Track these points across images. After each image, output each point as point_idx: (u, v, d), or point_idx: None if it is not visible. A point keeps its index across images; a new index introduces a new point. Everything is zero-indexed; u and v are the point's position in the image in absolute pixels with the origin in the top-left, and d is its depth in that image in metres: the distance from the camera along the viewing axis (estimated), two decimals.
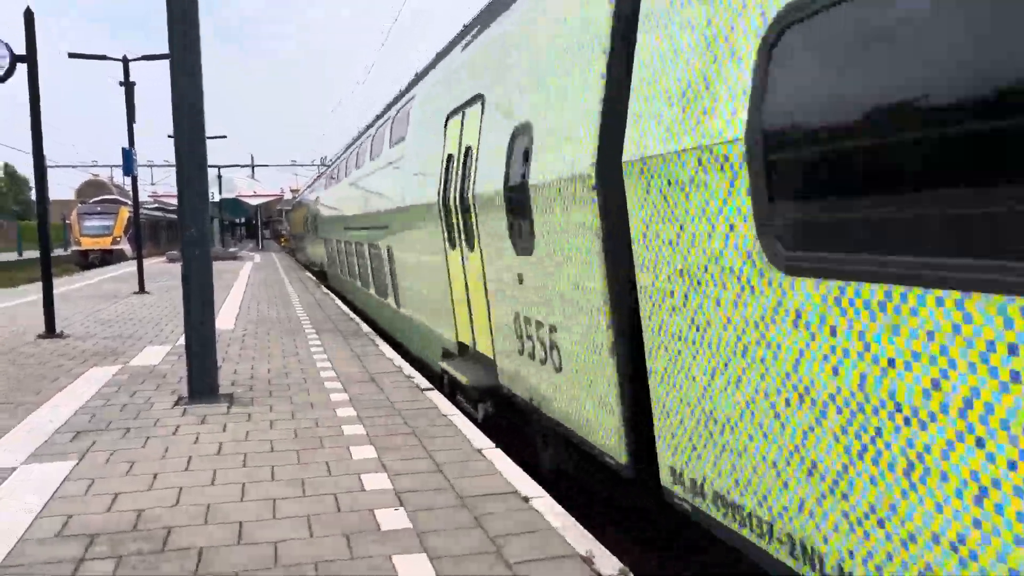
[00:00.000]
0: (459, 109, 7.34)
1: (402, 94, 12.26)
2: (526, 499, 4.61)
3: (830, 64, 2.55)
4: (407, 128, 10.08)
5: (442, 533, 4.13)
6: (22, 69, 11.34)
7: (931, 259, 2.20)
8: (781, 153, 2.76)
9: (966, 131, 2.08)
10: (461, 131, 7.19)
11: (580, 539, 4.05)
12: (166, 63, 7.62)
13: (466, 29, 8.56)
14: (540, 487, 4.85)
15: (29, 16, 11.19)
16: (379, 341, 10.99)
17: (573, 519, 4.34)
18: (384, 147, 11.89)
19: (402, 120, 10.64)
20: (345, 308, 15.70)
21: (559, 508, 4.48)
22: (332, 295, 19.20)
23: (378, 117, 14.70)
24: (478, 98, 6.67)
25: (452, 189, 7.20)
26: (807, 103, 2.65)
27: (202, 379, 7.33)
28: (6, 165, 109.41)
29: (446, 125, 7.79)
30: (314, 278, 25.73)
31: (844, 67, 2.49)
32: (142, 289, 19.89)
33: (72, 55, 20.38)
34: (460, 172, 6.99)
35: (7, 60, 11.02)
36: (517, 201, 5.39)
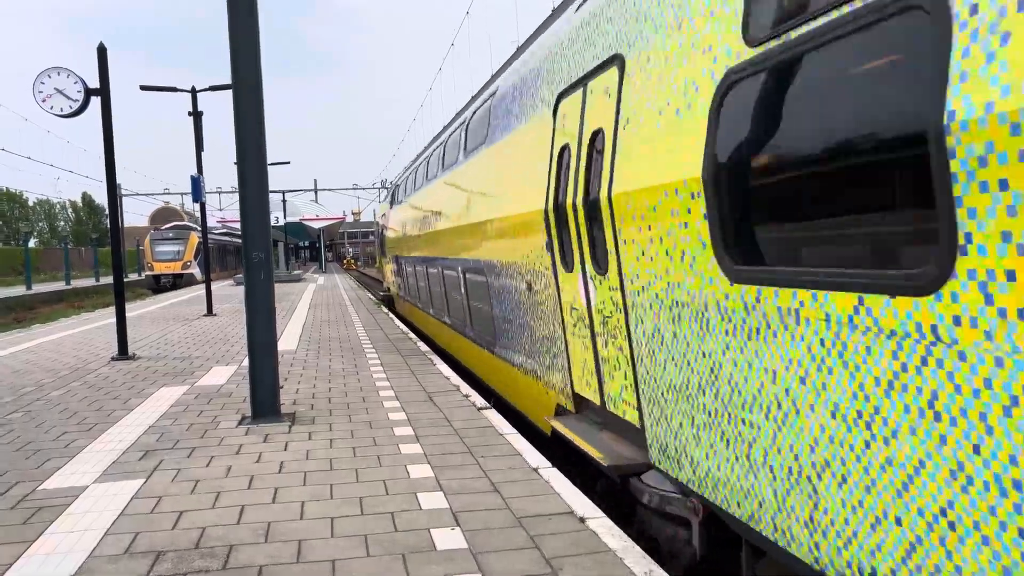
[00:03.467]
0: None
1: None
2: (583, 519, 4.55)
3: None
4: None
5: (498, 554, 4.10)
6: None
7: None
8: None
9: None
10: None
11: (639, 561, 3.97)
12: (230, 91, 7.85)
13: None
14: (597, 507, 4.78)
15: (102, 51, 11.71)
16: (436, 360, 11.06)
17: (631, 540, 4.26)
18: None
19: None
20: (403, 327, 15.85)
21: (617, 529, 4.41)
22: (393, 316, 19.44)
23: None
24: None
25: None
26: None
27: (265, 399, 7.48)
28: (84, 195, 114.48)
29: None
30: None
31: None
32: (210, 311, 20.47)
33: (144, 87, 21.24)
34: None
35: (81, 94, 11.54)
36: None
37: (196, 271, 47.83)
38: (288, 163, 42.99)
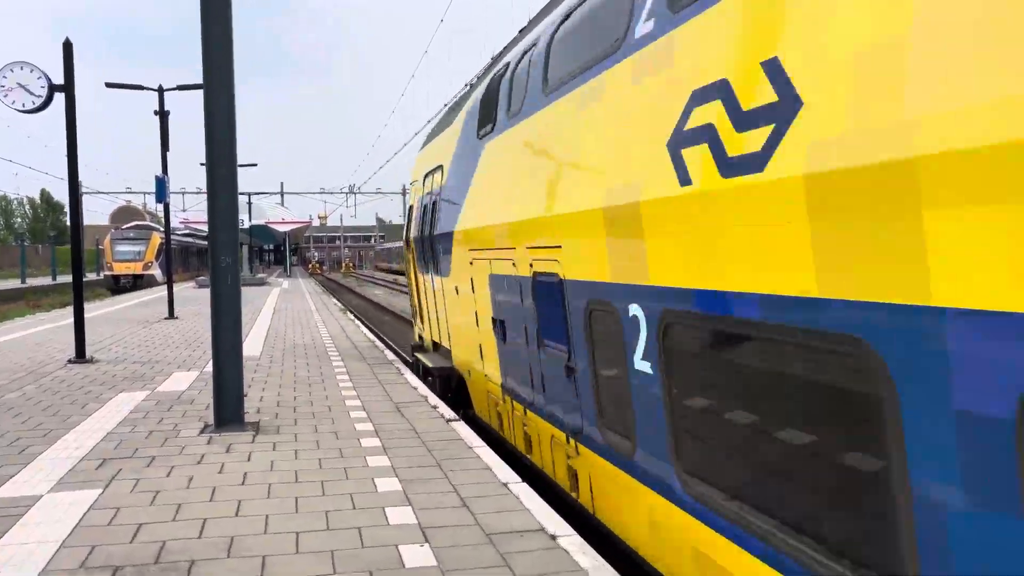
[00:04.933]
0: None
1: None
2: (553, 537, 4.50)
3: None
4: None
5: (468, 572, 4.03)
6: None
7: None
8: None
9: None
10: None
11: None
12: (199, 90, 7.72)
13: None
14: (568, 524, 4.74)
15: (68, 47, 11.45)
16: (404, 370, 10.96)
17: (602, 559, 4.23)
18: None
19: None
20: (371, 335, 15.71)
21: (588, 547, 4.37)
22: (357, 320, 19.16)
23: None
24: None
25: None
26: None
27: (228, 407, 7.32)
28: (42, 191, 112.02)
29: None
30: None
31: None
32: (171, 314, 20.09)
33: (109, 85, 20.83)
34: None
35: (45, 90, 11.26)
36: None
37: (157, 272, 46.98)
38: (255, 165, 42.45)
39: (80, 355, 11.80)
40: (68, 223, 14.16)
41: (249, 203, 54.29)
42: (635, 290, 4.21)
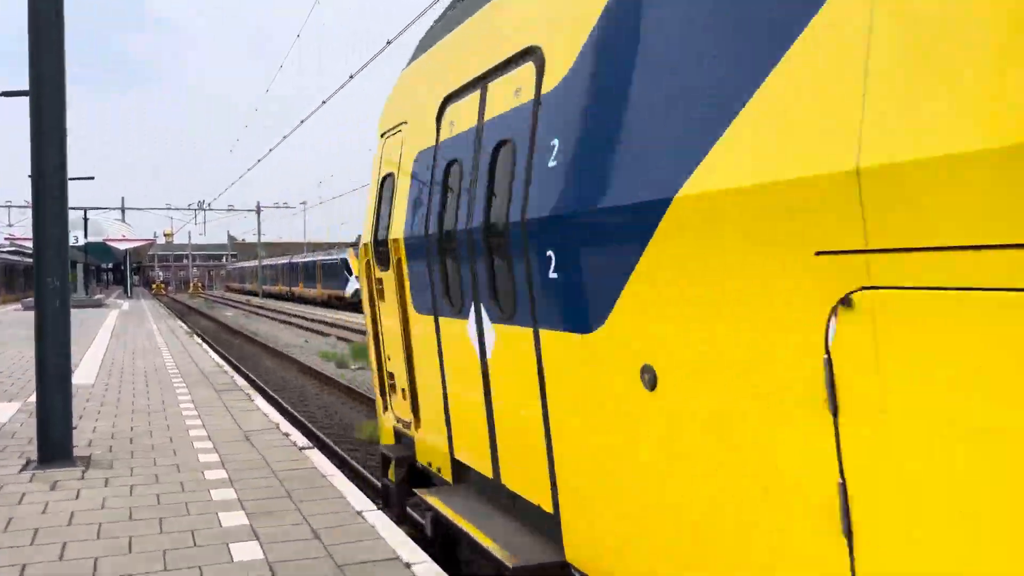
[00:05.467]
0: None
1: None
2: (408, 565, 4.41)
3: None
4: None
5: None
6: None
7: None
8: None
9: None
10: None
11: None
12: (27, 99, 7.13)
13: None
14: (422, 551, 4.66)
15: None
16: (255, 395, 10.50)
17: None
18: None
19: None
20: (220, 360, 14.97)
21: (443, 574, 4.31)
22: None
23: None
24: None
25: None
26: None
27: (54, 440, 6.73)
28: None
29: None
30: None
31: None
32: None
33: None
34: None
35: None
36: None
37: None
38: (92, 178, 39.78)
39: None
40: None
41: (85, 219, 50.69)
42: None
